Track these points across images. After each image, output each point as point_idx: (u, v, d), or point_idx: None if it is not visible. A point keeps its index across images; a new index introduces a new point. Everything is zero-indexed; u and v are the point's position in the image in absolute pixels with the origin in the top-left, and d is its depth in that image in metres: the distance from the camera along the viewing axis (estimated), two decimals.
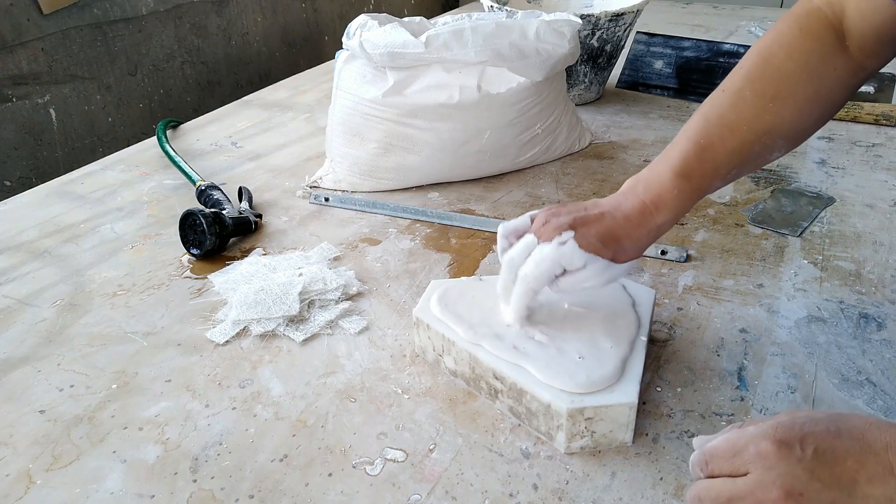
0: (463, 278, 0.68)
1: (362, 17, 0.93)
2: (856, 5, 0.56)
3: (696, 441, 0.46)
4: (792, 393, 0.59)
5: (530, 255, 0.57)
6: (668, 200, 0.57)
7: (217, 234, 0.80)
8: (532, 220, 0.60)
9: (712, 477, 0.42)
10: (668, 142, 0.60)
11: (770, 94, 0.57)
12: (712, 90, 0.62)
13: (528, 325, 0.59)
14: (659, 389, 0.60)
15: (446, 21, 0.93)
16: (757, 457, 0.40)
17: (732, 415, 0.57)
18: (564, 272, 0.56)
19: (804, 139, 0.61)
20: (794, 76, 0.57)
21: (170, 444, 0.56)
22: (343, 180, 0.97)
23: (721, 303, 0.71)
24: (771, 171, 0.98)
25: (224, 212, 0.83)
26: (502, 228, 0.61)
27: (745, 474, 0.40)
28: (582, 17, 1.09)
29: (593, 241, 0.55)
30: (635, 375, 0.55)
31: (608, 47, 1.17)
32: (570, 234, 0.55)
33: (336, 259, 0.81)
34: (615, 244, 0.56)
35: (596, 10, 1.25)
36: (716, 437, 0.44)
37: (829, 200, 0.90)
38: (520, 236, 0.60)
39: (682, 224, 0.85)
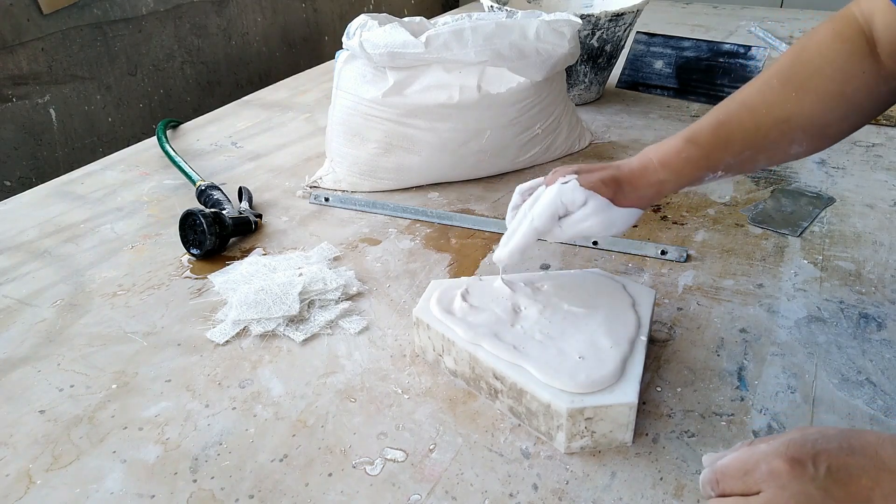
0: (463, 278, 0.68)
1: (362, 17, 0.93)
2: (882, 16, 0.57)
3: (705, 459, 0.45)
4: (792, 393, 0.59)
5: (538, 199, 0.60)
6: (674, 161, 0.60)
7: (217, 234, 0.80)
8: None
9: (724, 496, 0.42)
10: None
11: (795, 84, 0.59)
12: (712, 90, 0.63)
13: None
14: (659, 389, 0.60)
15: (446, 21, 0.93)
16: (769, 475, 0.40)
17: (732, 415, 0.57)
18: (567, 213, 0.59)
19: (828, 140, 0.62)
20: (820, 71, 0.58)
21: (170, 444, 0.56)
22: (343, 180, 0.97)
23: (721, 303, 0.71)
24: (771, 170, 0.98)
25: (224, 212, 0.83)
26: (519, 188, 0.65)
27: (758, 493, 0.40)
28: (582, 17, 1.09)
29: (594, 180, 0.59)
30: (635, 375, 0.55)
31: (608, 47, 1.17)
32: (574, 176, 0.59)
33: (336, 259, 0.81)
34: (616, 186, 0.60)
35: (596, 10, 1.25)
36: (726, 454, 0.44)
37: (829, 200, 0.90)
38: (534, 190, 0.63)
39: (682, 224, 0.85)
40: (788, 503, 0.38)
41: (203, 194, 0.91)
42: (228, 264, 0.79)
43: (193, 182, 0.95)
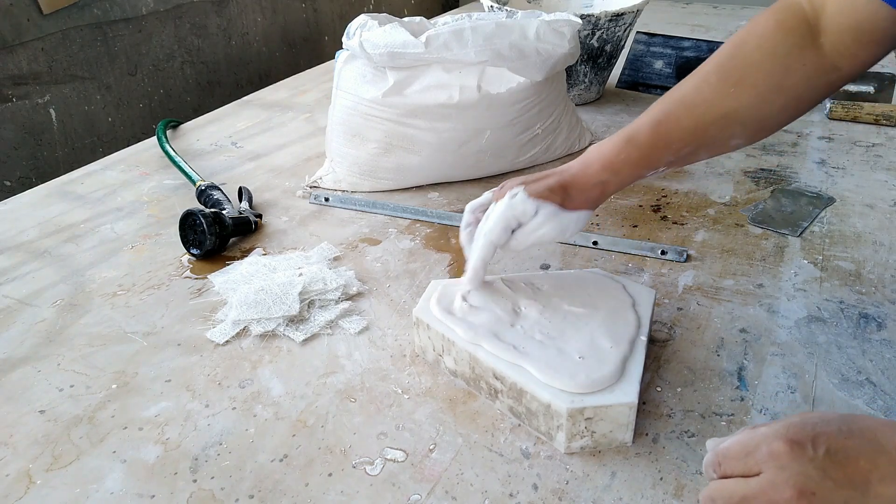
0: (463, 278, 0.68)
1: (362, 17, 0.93)
2: (835, 4, 0.56)
3: (709, 443, 0.46)
4: (792, 393, 0.59)
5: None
6: (614, 162, 0.61)
7: (217, 234, 0.80)
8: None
9: (725, 477, 0.42)
10: None
11: (734, 79, 0.58)
12: None
13: (479, 289, 0.63)
14: (659, 389, 0.60)
15: (446, 21, 0.93)
16: (769, 456, 0.40)
17: (732, 415, 0.57)
18: (520, 225, 0.60)
19: (766, 131, 0.62)
20: (759, 64, 0.58)
21: (170, 444, 0.56)
22: (343, 180, 0.97)
23: (721, 303, 0.71)
24: (771, 171, 0.98)
25: (224, 212, 0.83)
26: (469, 206, 0.65)
27: (758, 474, 0.40)
28: (582, 17, 1.09)
29: (541, 189, 0.60)
30: (635, 375, 0.55)
31: (608, 47, 1.17)
32: (521, 188, 0.60)
33: (336, 259, 0.81)
34: (562, 191, 0.61)
35: (596, 10, 1.25)
36: (729, 438, 0.44)
37: (829, 200, 0.90)
38: (484, 211, 0.64)
39: (682, 224, 0.85)
40: (787, 483, 0.39)
41: (203, 194, 0.91)
42: (228, 264, 0.79)
43: (193, 182, 0.95)
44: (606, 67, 1.22)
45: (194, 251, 0.81)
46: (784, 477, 0.39)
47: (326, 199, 0.94)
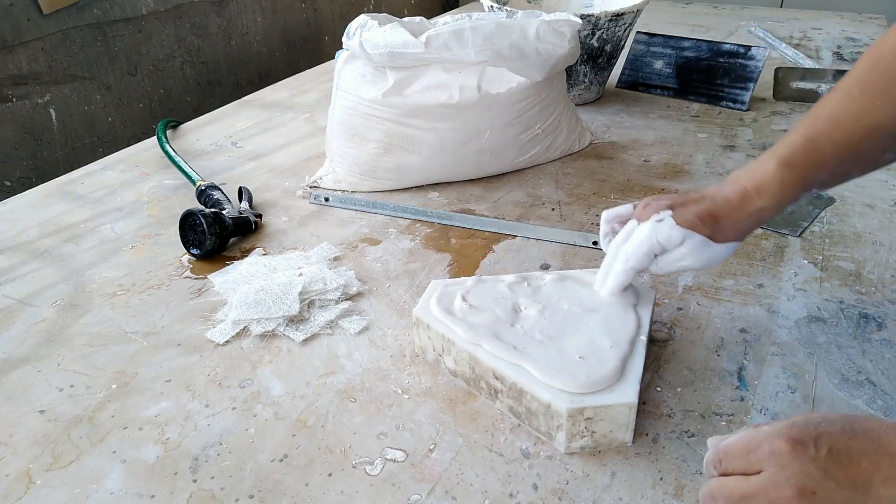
0: (463, 278, 0.68)
1: (362, 17, 0.93)
2: None
3: (710, 441, 0.46)
4: (792, 393, 0.59)
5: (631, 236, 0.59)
6: (770, 186, 0.57)
7: (217, 234, 0.80)
8: (634, 207, 0.62)
9: (725, 475, 0.42)
10: (669, 142, 0.61)
11: (878, 91, 0.57)
12: (712, 90, 0.62)
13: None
14: (659, 389, 0.60)
15: (446, 21, 0.93)
16: (771, 455, 0.40)
17: (732, 415, 0.57)
18: (664, 251, 0.58)
19: None
20: None
21: (170, 444, 0.56)
22: (343, 180, 0.97)
23: (721, 303, 0.71)
24: None
25: (224, 212, 0.83)
26: (605, 214, 0.63)
27: (759, 472, 0.40)
28: (582, 17, 1.09)
29: (690, 217, 0.57)
30: (635, 375, 0.55)
31: (608, 47, 1.17)
32: (668, 212, 0.58)
33: (336, 259, 0.81)
34: (713, 222, 0.58)
35: (596, 10, 1.25)
36: (730, 436, 0.44)
37: (829, 200, 0.90)
38: (622, 222, 0.62)
39: None
40: (788, 482, 0.39)
41: (203, 194, 0.91)
42: (228, 264, 0.79)
43: (193, 182, 0.95)
44: (606, 67, 1.22)
45: (194, 251, 0.81)
46: (785, 476, 0.39)
47: (326, 199, 0.94)
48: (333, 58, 1.38)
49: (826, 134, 0.58)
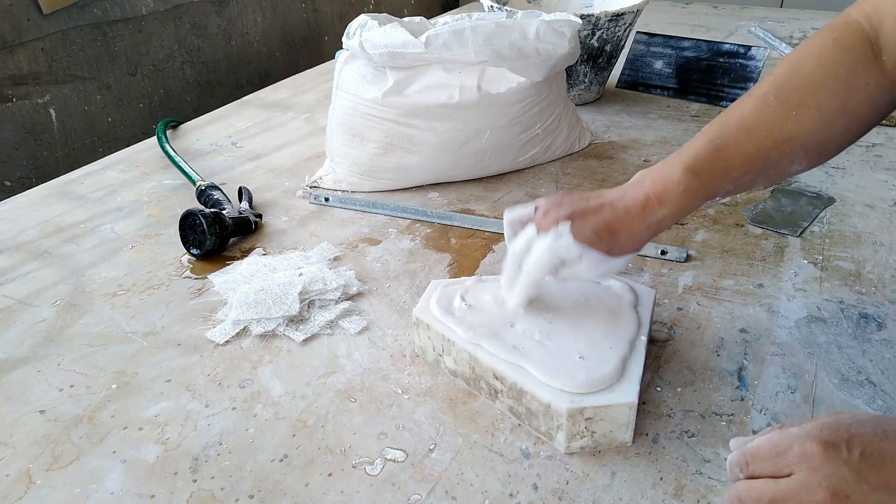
0: (463, 278, 0.68)
1: (362, 17, 0.93)
2: (894, 18, 0.54)
3: (733, 442, 0.45)
4: (792, 393, 0.59)
5: (532, 247, 0.59)
6: (673, 195, 0.56)
7: (217, 234, 0.80)
8: (536, 210, 0.61)
9: (753, 478, 0.42)
10: (669, 142, 0.61)
11: (795, 101, 0.55)
12: (712, 90, 0.61)
13: (528, 309, 0.62)
14: (659, 389, 0.60)
15: (446, 21, 0.93)
16: (802, 457, 0.40)
17: (732, 415, 0.57)
18: (564, 265, 0.58)
19: (827, 155, 0.59)
20: (821, 85, 0.55)
21: (170, 444, 0.56)
22: (343, 180, 0.97)
23: (721, 303, 0.71)
24: None
25: (224, 212, 0.83)
26: (508, 215, 0.63)
27: (789, 475, 0.40)
28: (582, 17, 1.09)
29: (588, 233, 0.56)
30: (635, 375, 0.55)
31: (608, 47, 1.17)
32: (567, 225, 0.57)
33: (336, 259, 0.81)
34: (611, 237, 0.57)
35: (596, 10, 1.25)
36: (754, 438, 0.44)
37: (829, 200, 0.90)
38: (524, 223, 0.61)
39: (683, 224, 0.85)
40: (820, 485, 0.38)
41: (203, 194, 0.91)
42: (228, 264, 0.79)
43: (193, 182, 0.95)
44: (606, 67, 1.22)
45: (194, 251, 0.81)
46: (817, 478, 0.38)
47: (326, 199, 0.94)
48: (333, 58, 1.38)
49: (736, 142, 0.56)
